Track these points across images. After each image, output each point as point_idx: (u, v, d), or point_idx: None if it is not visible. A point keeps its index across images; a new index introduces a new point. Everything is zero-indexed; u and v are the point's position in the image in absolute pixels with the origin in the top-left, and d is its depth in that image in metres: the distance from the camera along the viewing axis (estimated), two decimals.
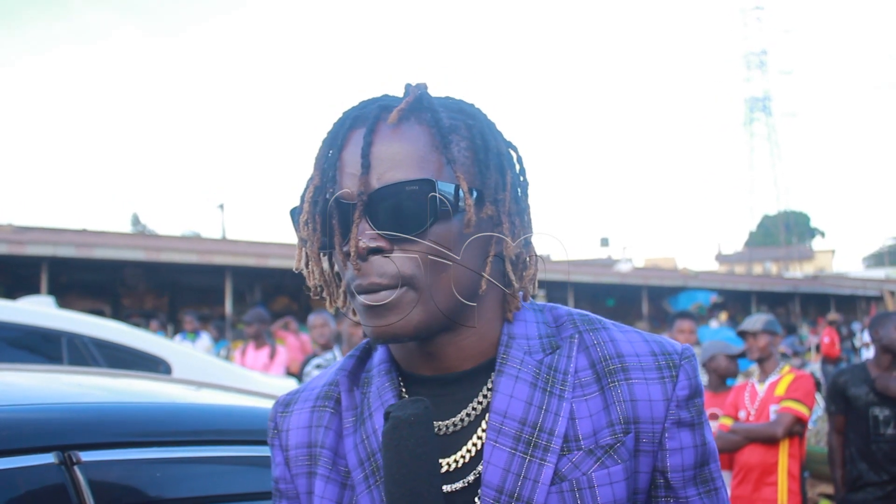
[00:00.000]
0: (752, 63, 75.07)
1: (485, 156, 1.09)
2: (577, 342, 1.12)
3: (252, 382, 5.52)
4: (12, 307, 5.31)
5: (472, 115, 1.12)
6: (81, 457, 1.49)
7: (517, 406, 1.07)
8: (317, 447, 1.17)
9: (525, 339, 1.12)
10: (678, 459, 1.08)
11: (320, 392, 1.22)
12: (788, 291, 35.63)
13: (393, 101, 1.10)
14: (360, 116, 1.08)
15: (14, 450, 1.44)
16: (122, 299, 21.23)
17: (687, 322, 6.28)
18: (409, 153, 1.04)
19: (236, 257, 19.89)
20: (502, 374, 1.09)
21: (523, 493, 1.03)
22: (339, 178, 1.05)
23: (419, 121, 1.07)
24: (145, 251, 19.05)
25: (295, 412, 1.22)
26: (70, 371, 2.60)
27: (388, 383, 1.14)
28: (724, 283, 33.77)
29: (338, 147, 1.06)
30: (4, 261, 17.61)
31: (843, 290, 38.13)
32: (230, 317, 18.86)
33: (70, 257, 17.55)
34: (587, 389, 1.08)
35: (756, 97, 75.29)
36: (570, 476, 1.04)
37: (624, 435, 1.06)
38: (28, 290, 14.34)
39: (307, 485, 1.17)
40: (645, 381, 1.08)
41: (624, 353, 1.10)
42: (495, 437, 1.06)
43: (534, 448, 1.05)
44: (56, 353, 4.97)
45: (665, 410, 1.07)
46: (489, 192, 1.08)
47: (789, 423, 4.71)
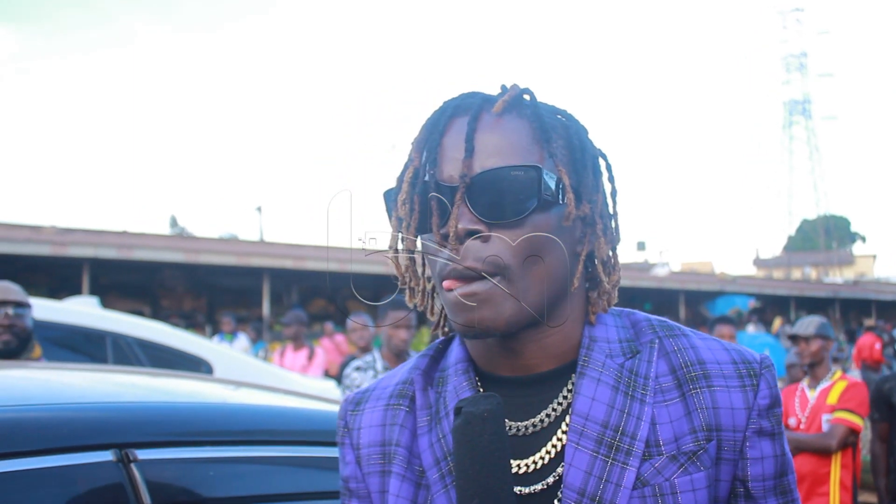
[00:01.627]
0: (791, 65, 74.12)
1: (581, 156, 1.10)
2: (658, 347, 1.12)
3: (291, 384, 5.57)
4: (59, 307, 5.41)
5: (568, 118, 1.14)
6: (138, 455, 1.51)
7: (599, 409, 1.07)
8: (391, 445, 1.16)
9: (606, 343, 1.12)
10: (759, 469, 1.07)
11: (394, 391, 1.21)
12: (828, 297, 35.12)
13: (493, 95, 1.11)
14: (462, 106, 1.09)
15: (74, 447, 1.47)
16: (161, 300, 21.47)
17: (727, 327, 6.21)
18: (512, 143, 1.05)
19: (274, 259, 20.03)
20: (584, 376, 1.09)
21: (605, 497, 1.03)
22: (440, 161, 1.06)
23: (521, 114, 1.08)
24: (184, 253, 19.26)
25: (367, 410, 1.21)
26: (118, 371, 2.64)
27: (466, 382, 1.13)
28: (763, 287, 33.39)
29: (439, 132, 1.07)
30: (47, 262, 17.91)
31: (885, 295, 37.51)
32: (267, 318, 19.00)
33: (111, 258, 17.79)
34: (668, 395, 1.08)
35: (796, 100, 74.30)
36: (652, 481, 1.04)
37: (706, 442, 1.05)
38: (70, 290, 14.57)
39: (380, 483, 1.16)
40: (727, 389, 1.07)
41: (705, 360, 1.10)
42: (577, 439, 1.06)
43: (616, 451, 1.04)
44: (101, 353, 5.06)
45: (746, 419, 1.06)
46: (586, 191, 1.09)
47: (843, 435, 4.60)
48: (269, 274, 19.99)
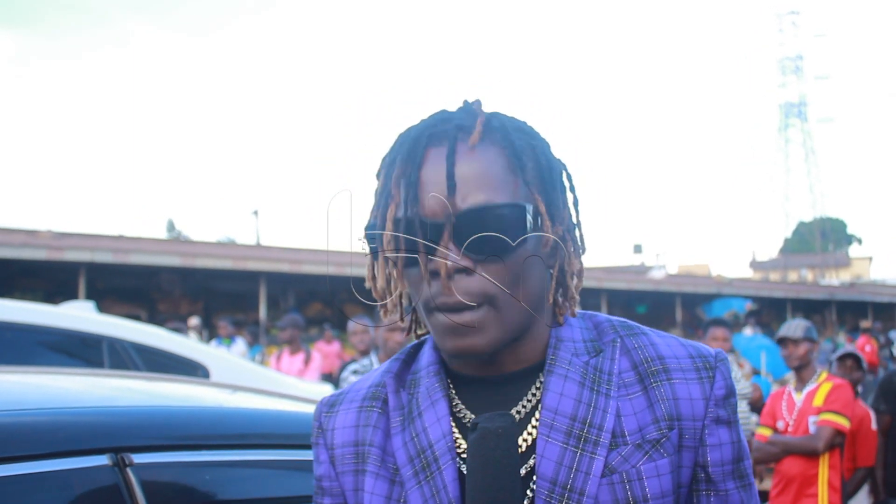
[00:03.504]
0: (787, 68, 74.31)
1: (550, 176, 1.15)
2: (619, 346, 1.19)
3: (288, 387, 5.56)
4: (54, 312, 5.39)
5: (532, 136, 1.17)
6: (134, 459, 1.52)
7: (567, 403, 1.13)
8: (365, 445, 1.21)
9: (572, 342, 1.18)
10: (718, 455, 1.14)
11: (367, 393, 1.26)
12: (824, 299, 35.20)
13: (462, 118, 1.13)
14: (436, 135, 1.11)
15: (69, 451, 1.47)
16: (158, 304, 21.46)
17: (721, 329, 6.23)
18: (490, 175, 1.09)
19: (270, 263, 20.06)
20: (552, 373, 1.15)
21: (576, 485, 1.09)
22: (422, 196, 1.08)
23: (492, 141, 1.11)
24: (181, 257, 19.28)
25: (341, 412, 1.25)
26: (113, 375, 2.64)
27: (438, 383, 1.19)
28: (759, 290, 33.45)
29: (416, 165, 1.09)
30: (44, 266, 17.91)
31: (881, 297, 37.58)
32: (264, 322, 19.01)
33: (107, 263, 17.80)
34: (631, 389, 1.15)
35: (791, 102, 74.50)
36: (619, 468, 1.10)
37: (669, 431, 1.12)
38: (66, 295, 14.58)
39: (353, 482, 1.21)
40: (685, 381, 1.14)
41: (664, 356, 1.17)
42: (547, 432, 1.12)
43: (584, 442, 1.11)
44: (97, 358, 5.04)
45: (704, 408, 1.13)
46: (556, 212, 1.14)
47: (829, 437, 4.64)
48: (265, 278, 20.01)
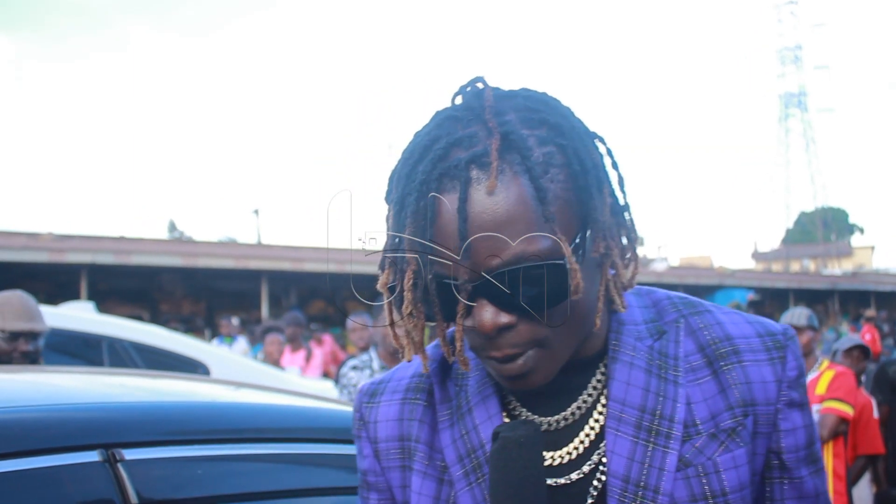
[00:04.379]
0: (786, 58, 74.12)
1: (584, 181, 1.00)
2: (684, 326, 1.11)
3: (288, 384, 5.56)
4: (54, 312, 5.40)
5: (559, 130, 1.01)
6: (125, 455, 1.51)
7: (635, 393, 1.06)
8: (410, 441, 1.15)
9: (633, 325, 1.11)
10: (792, 440, 1.07)
11: (409, 384, 1.19)
12: (827, 289, 35.14)
13: (473, 139, 0.98)
14: (448, 174, 0.96)
15: (59, 448, 1.47)
16: (160, 305, 21.46)
17: None
18: (517, 218, 0.94)
19: (272, 262, 20.04)
20: (617, 360, 1.08)
21: (650, 482, 1.02)
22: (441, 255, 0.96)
23: (511, 168, 0.96)
24: (182, 257, 19.27)
25: (383, 403, 1.19)
26: (104, 372, 2.64)
27: (489, 377, 1.11)
28: (762, 281, 33.40)
29: (430, 219, 0.96)
30: (45, 269, 17.90)
31: (884, 286, 37.52)
32: (266, 321, 19.00)
33: (109, 264, 17.79)
34: (699, 374, 1.07)
35: (791, 93, 74.32)
36: (695, 461, 1.03)
37: (744, 418, 1.05)
38: (68, 297, 14.56)
39: (401, 478, 1.15)
40: (757, 363, 1.06)
41: (733, 336, 1.08)
42: (616, 425, 1.05)
43: (656, 436, 1.04)
44: (97, 358, 5.05)
45: (777, 392, 1.06)
46: (596, 223, 1.00)
47: (833, 425, 4.62)
48: (267, 276, 20.00)
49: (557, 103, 1.05)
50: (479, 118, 1.00)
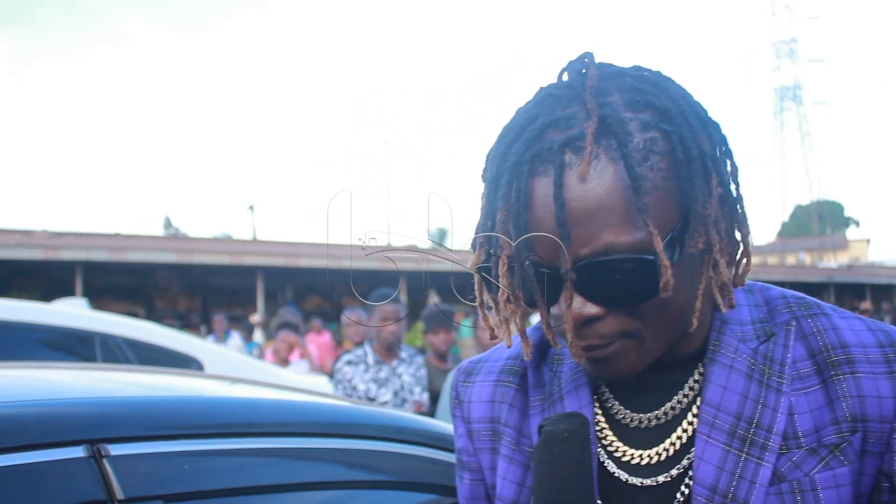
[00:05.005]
0: (781, 52, 74.17)
1: (688, 170, 0.95)
2: (795, 329, 1.04)
3: (283, 380, 5.54)
4: (46, 309, 5.38)
5: (666, 115, 0.96)
6: (110, 450, 1.49)
7: (732, 399, 1.00)
8: (500, 424, 1.13)
9: (738, 325, 1.05)
10: None
11: (504, 366, 1.17)
12: (823, 282, 35.19)
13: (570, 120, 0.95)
14: (541, 156, 0.93)
15: (43, 443, 1.44)
16: (156, 301, 21.43)
17: None
18: (610, 208, 0.91)
19: (267, 258, 20.03)
20: (715, 362, 1.02)
21: (739, 494, 0.97)
22: (535, 243, 0.93)
23: (607, 154, 0.92)
24: (177, 253, 19.23)
25: (477, 384, 1.17)
26: (91, 367, 2.62)
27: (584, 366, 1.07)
28: (757, 274, 33.38)
29: (523, 203, 0.93)
30: (40, 266, 17.87)
31: (880, 279, 37.58)
32: (262, 317, 18.97)
33: (103, 261, 17.75)
34: (807, 382, 1.00)
35: (786, 86, 74.40)
36: (790, 477, 0.97)
37: (851, 434, 0.97)
38: (63, 294, 14.52)
39: (490, 460, 1.13)
40: (873, 376, 0.98)
41: (849, 344, 1.00)
42: (708, 431, 1.00)
43: (750, 446, 0.98)
44: (90, 354, 5.02)
45: (895, 409, 0.97)
46: (697, 216, 0.95)
47: None
48: (262, 272, 19.98)
49: (671, 84, 1.00)
50: (579, 98, 0.96)
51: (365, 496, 1.82)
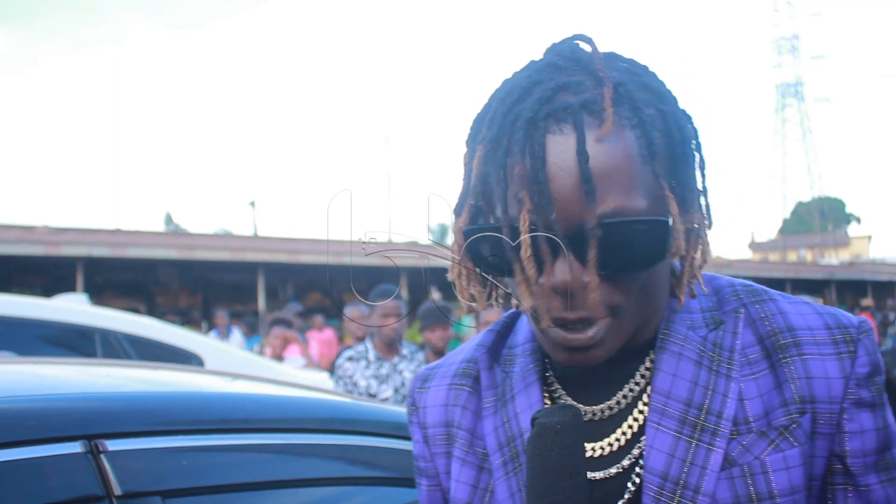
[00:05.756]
0: (783, 48, 74.23)
1: (682, 149, 0.97)
2: (744, 317, 1.04)
3: (283, 376, 5.54)
4: (46, 305, 5.37)
5: (661, 96, 0.98)
6: (108, 445, 1.48)
7: (682, 386, 1.00)
8: (453, 427, 1.12)
9: (687, 314, 1.05)
10: (858, 443, 0.98)
11: (458, 369, 1.16)
12: (824, 278, 35.20)
13: (583, 85, 0.94)
14: (557, 115, 0.91)
15: (41, 439, 1.44)
16: (157, 298, 21.44)
17: None
18: (622, 171, 0.91)
19: (268, 254, 20.03)
20: (664, 350, 1.02)
21: (690, 481, 0.96)
22: (552, 199, 0.90)
23: (620, 120, 0.92)
24: (178, 249, 19.24)
25: (432, 389, 1.17)
26: (89, 362, 2.61)
27: (533, 364, 1.08)
28: (759, 271, 33.41)
29: (540, 158, 0.90)
30: (41, 262, 17.87)
31: (881, 275, 37.58)
32: (263, 313, 18.97)
33: (105, 257, 17.76)
34: (756, 367, 1.00)
35: (788, 83, 74.48)
36: (741, 461, 0.97)
37: (800, 416, 0.97)
38: (64, 290, 14.51)
39: (446, 465, 1.13)
40: (820, 357, 0.98)
41: (796, 327, 1.01)
42: (658, 419, 0.99)
43: (700, 432, 0.98)
44: (90, 350, 5.02)
45: (843, 389, 0.97)
46: (690, 194, 0.97)
47: None
48: (263, 268, 19.98)
49: (655, 73, 1.02)
50: (585, 69, 0.96)
51: (365, 492, 1.82)
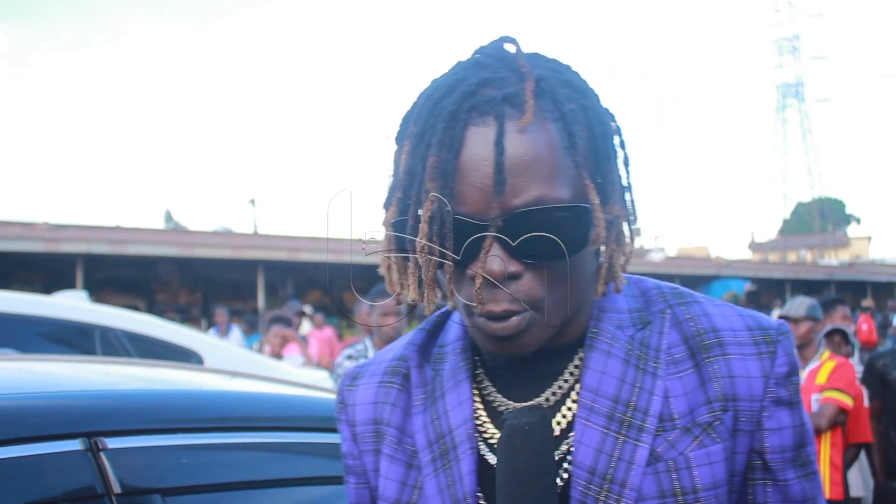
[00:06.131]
0: (783, 49, 74.18)
1: (604, 143, 1.00)
2: (669, 317, 1.07)
3: (283, 374, 5.54)
4: (46, 302, 5.37)
5: (581, 91, 1.01)
6: (108, 443, 1.49)
7: (610, 383, 1.02)
8: (383, 424, 1.13)
9: (616, 313, 1.07)
10: (777, 440, 1.02)
11: (387, 367, 1.17)
12: (824, 279, 35.20)
13: (506, 81, 0.97)
14: (479, 108, 0.94)
15: (40, 436, 1.44)
16: (157, 295, 21.44)
17: (845, 308, 6.08)
18: (543, 161, 0.93)
19: (268, 252, 20.02)
20: (593, 348, 1.04)
21: (617, 475, 0.98)
22: (462, 188, 0.93)
23: (543, 116, 0.95)
24: (178, 247, 19.24)
25: (361, 386, 1.17)
26: (89, 360, 2.61)
27: (463, 362, 1.10)
28: (758, 271, 33.43)
29: (455, 151, 0.93)
30: (41, 258, 17.86)
31: (881, 276, 37.58)
32: (263, 311, 18.98)
33: (104, 254, 17.75)
34: (681, 366, 1.03)
35: (788, 83, 74.42)
36: (666, 456, 0.99)
37: (722, 413, 1.00)
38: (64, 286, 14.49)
39: (374, 462, 1.14)
40: (742, 357, 1.02)
41: (719, 328, 1.04)
42: (587, 415, 1.01)
43: (627, 428, 1.00)
44: (89, 347, 5.02)
45: (764, 388, 1.01)
46: (611, 187, 1.00)
47: (833, 415, 4.63)
48: (263, 266, 19.97)
49: (581, 77, 1.05)
50: (508, 66, 0.99)
51: None
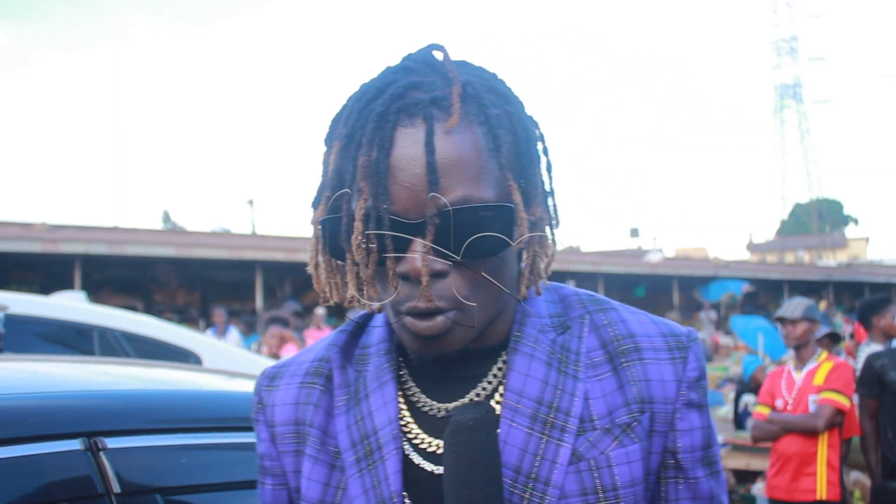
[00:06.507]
0: (782, 50, 74.19)
1: (527, 148, 1.04)
2: (588, 323, 1.11)
3: None
4: (45, 302, 5.37)
5: (506, 98, 1.05)
6: (107, 443, 1.49)
7: (533, 385, 1.05)
8: (305, 425, 1.13)
9: (538, 318, 1.10)
10: (688, 440, 1.08)
11: (309, 368, 1.17)
12: (822, 280, 35.23)
13: (434, 85, 1.01)
14: (407, 110, 0.98)
15: (40, 436, 1.45)
16: (154, 295, 21.42)
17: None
18: (469, 162, 0.97)
19: (266, 252, 20.00)
20: (517, 351, 1.07)
21: (541, 474, 1.02)
22: (392, 188, 0.96)
23: (469, 119, 0.99)
24: (176, 247, 19.22)
25: (281, 387, 1.17)
26: (89, 360, 2.61)
27: (388, 364, 1.11)
28: (756, 272, 33.45)
29: (385, 151, 0.96)
30: (38, 259, 17.85)
31: (878, 277, 37.61)
32: (261, 311, 18.97)
33: (102, 254, 17.74)
34: (600, 370, 1.07)
35: (787, 84, 74.41)
36: (587, 455, 1.03)
37: (640, 414, 1.05)
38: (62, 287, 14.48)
39: (294, 463, 1.14)
40: (657, 362, 1.07)
41: (636, 334, 1.09)
42: (511, 416, 1.04)
43: (550, 428, 1.03)
44: (88, 347, 5.02)
45: (676, 391, 1.07)
46: (534, 190, 1.04)
47: (830, 415, 4.64)
48: (261, 267, 19.96)
49: (506, 85, 1.09)
50: (436, 71, 1.04)
51: None
